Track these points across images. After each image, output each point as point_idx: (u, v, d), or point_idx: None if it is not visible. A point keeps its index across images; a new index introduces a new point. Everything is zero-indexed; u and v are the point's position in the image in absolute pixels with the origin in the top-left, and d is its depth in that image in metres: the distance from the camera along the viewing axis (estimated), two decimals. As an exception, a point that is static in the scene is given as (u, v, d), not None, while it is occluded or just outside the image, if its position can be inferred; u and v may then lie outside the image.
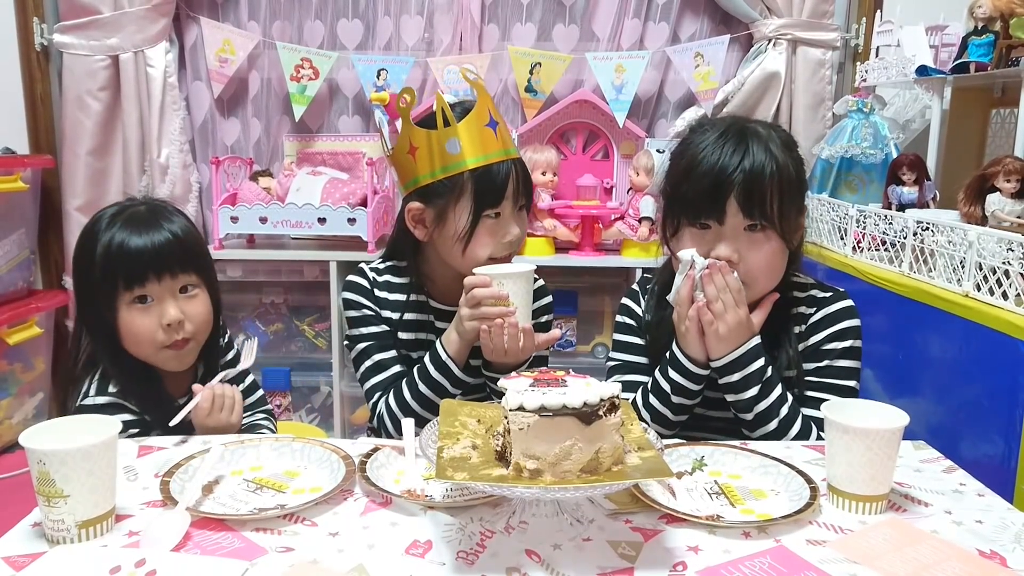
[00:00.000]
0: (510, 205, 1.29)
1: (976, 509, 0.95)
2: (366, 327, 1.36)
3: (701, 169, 1.15)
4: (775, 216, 1.14)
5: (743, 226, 1.15)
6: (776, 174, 1.14)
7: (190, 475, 0.96)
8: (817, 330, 1.24)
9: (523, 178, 1.31)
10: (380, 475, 0.99)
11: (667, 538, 0.86)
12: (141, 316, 1.16)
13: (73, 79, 2.46)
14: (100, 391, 1.19)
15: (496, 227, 1.29)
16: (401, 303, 1.38)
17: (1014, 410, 1.40)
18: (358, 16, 2.64)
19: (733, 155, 1.14)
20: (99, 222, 1.18)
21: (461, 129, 1.24)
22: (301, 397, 2.78)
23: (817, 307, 1.25)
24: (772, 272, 1.18)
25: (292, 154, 2.68)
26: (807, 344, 1.24)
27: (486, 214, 1.27)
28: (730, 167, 1.13)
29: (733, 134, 1.16)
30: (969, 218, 1.68)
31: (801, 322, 1.25)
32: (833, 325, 1.24)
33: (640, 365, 1.32)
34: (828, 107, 2.54)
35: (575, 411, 0.80)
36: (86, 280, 1.18)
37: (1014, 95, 1.90)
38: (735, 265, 1.15)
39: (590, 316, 2.76)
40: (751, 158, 1.13)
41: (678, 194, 1.19)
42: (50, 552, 0.82)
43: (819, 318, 1.25)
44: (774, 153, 1.15)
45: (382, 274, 1.40)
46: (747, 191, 1.13)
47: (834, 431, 0.93)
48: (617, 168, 2.65)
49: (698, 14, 2.64)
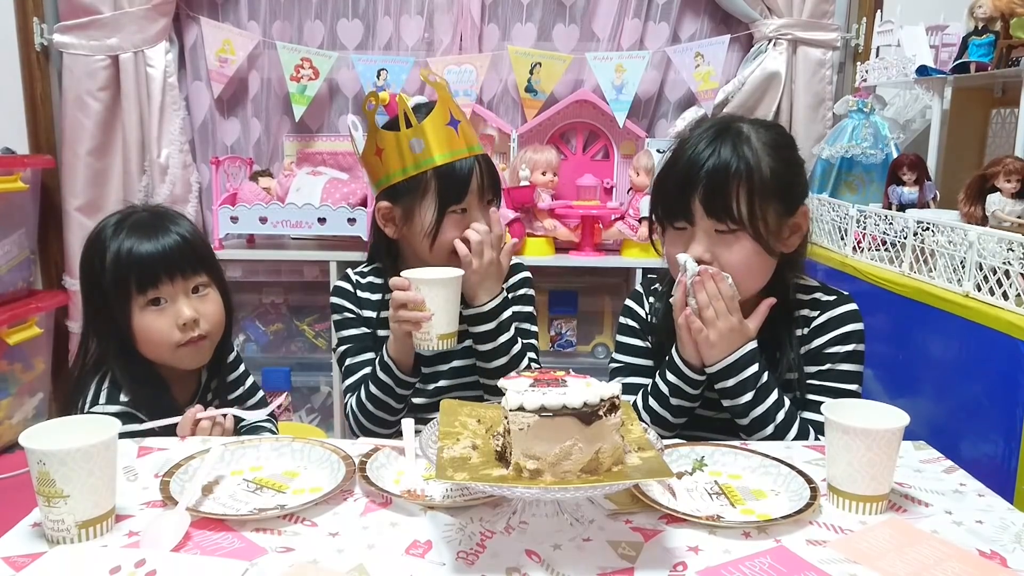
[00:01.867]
0: (475, 200, 1.32)
1: (976, 509, 0.95)
2: (346, 330, 1.41)
3: (675, 169, 1.16)
4: (743, 218, 1.12)
5: (713, 228, 1.14)
6: (742, 174, 1.11)
7: (190, 475, 0.96)
8: (820, 333, 1.24)
9: (488, 173, 1.34)
10: (380, 475, 0.99)
11: (667, 538, 0.86)
12: (156, 318, 1.17)
13: (73, 79, 2.46)
14: (111, 399, 1.19)
15: (462, 222, 1.32)
16: (378, 302, 1.40)
17: (1014, 410, 1.39)
18: (358, 16, 2.64)
19: (701, 154, 1.13)
20: (104, 231, 1.20)
21: (424, 128, 1.28)
22: (301, 397, 2.77)
23: (821, 310, 1.25)
24: (751, 275, 1.17)
25: (292, 154, 2.68)
26: (809, 347, 1.24)
27: (452, 209, 1.31)
28: (695, 166, 1.13)
29: (713, 134, 1.15)
30: (969, 218, 1.67)
31: (804, 325, 1.25)
32: (836, 329, 1.23)
33: (642, 367, 1.32)
34: (828, 107, 2.54)
35: (575, 411, 0.80)
36: (96, 288, 1.19)
37: (1014, 95, 1.89)
38: (712, 265, 1.14)
39: (590, 316, 2.76)
40: (716, 158, 1.12)
41: (656, 195, 1.22)
42: (50, 552, 0.82)
43: (822, 321, 1.24)
44: (744, 154, 1.12)
45: (366, 276, 1.44)
46: (710, 192, 1.12)
47: (834, 431, 0.93)
48: (617, 168, 2.65)
49: (698, 14, 2.63)
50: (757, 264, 1.16)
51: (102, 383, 1.20)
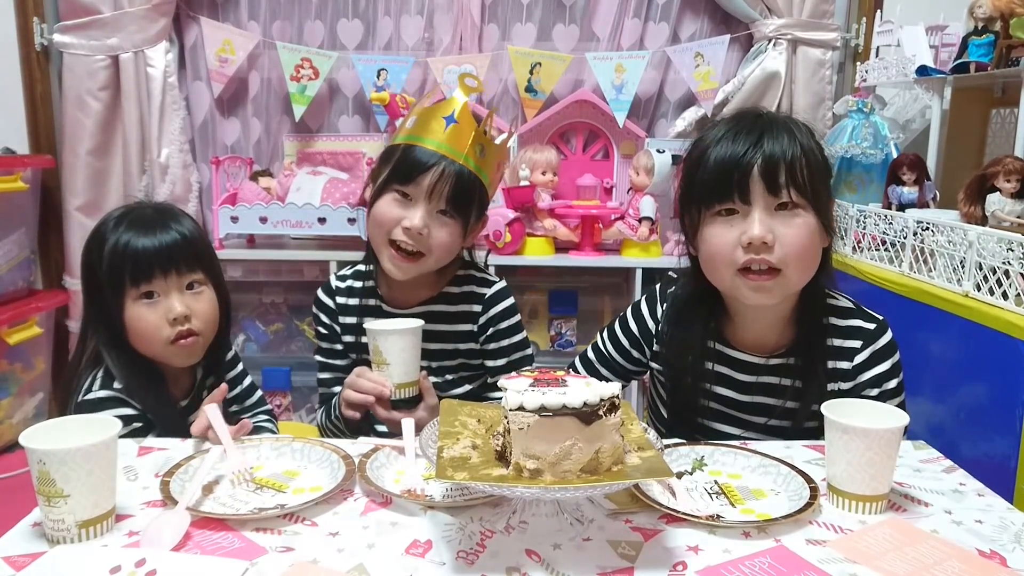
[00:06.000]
0: (423, 196, 1.26)
1: (976, 509, 0.95)
2: (321, 342, 1.46)
3: (719, 152, 1.09)
4: (806, 191, 1.07)
5: (773, 205, 1.07)
6: (801, 150, 1.07)
7: (190, 475, 0.96)
8: (868, 368, 1.17)
9: (453, 183, 1.25)
10: (380, 475, 0.99)
11: (667, 538, 0.86)
12: (147, 312, 1.17)
13: (73, 79, 2.46)
14: (103, 386, 1.20)
15: (400, 207, 1.27)
16: (358, 307, 1.42)
17: (1014, 410, 1.39)
18: (358, 16, 2.64)
19: (750, 134, 1.08)
20: (106, 224, 1.21)
21: (420, 111, 1.30)
22: (301, 397, 2.77)
23: (863, 341, 1.18)
24: (808, 256, 1.09)
25: (292, 154, 2.67)
26: (857, 382, 1.18)
27: (396, 187, 1.28)
28: (751, 143, 1.07)
29: (753, 117, 1.11)
30: (969, 218, 1.68)
31: (848, 358, 1.18)
32: (883, 361, 1.17)
33: (617, 366, 1.34)
34: (828, 107, 2.54)
35: (575, 411, 0.80)
36: (93, 279, 1.19)
37: (1014, 95, 1.89)
38: (769, 247, 1.06)
39: (590, 316, 2.76)
40: (772, 134, 1.08)
41: (695, 184, 1.12)
42: (50, 552, 0.82)
43: (868, 356, 1.17)
44: (797, 135, 1.09)
45: (345, 280, 1.46)
46: (772, 166, 1.06)
47: (834, 431, 0.93)
48: (617, 168, 2.65)
49: (698, 14, 2.63)
50: (813, 245, 1.09)
51: (97, 372, 1.21)
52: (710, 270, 1.14)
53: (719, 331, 1.22)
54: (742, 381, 1.21)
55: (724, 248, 1.09)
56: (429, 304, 1.38)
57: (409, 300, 1.38)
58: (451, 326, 1.38)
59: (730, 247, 1.08)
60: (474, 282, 1.40)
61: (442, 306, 1.38)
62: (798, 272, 1.09)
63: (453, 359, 1.40)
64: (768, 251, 1.06)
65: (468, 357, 1.41)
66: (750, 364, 1.21)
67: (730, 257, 1.09)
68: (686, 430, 1.24)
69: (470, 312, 1.39)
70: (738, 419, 1.23)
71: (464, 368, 1.42)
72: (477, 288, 1.40)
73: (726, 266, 1.10)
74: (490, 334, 1.39)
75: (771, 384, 1.20)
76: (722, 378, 1.22)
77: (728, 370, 1.22)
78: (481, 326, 1.39)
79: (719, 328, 1.22)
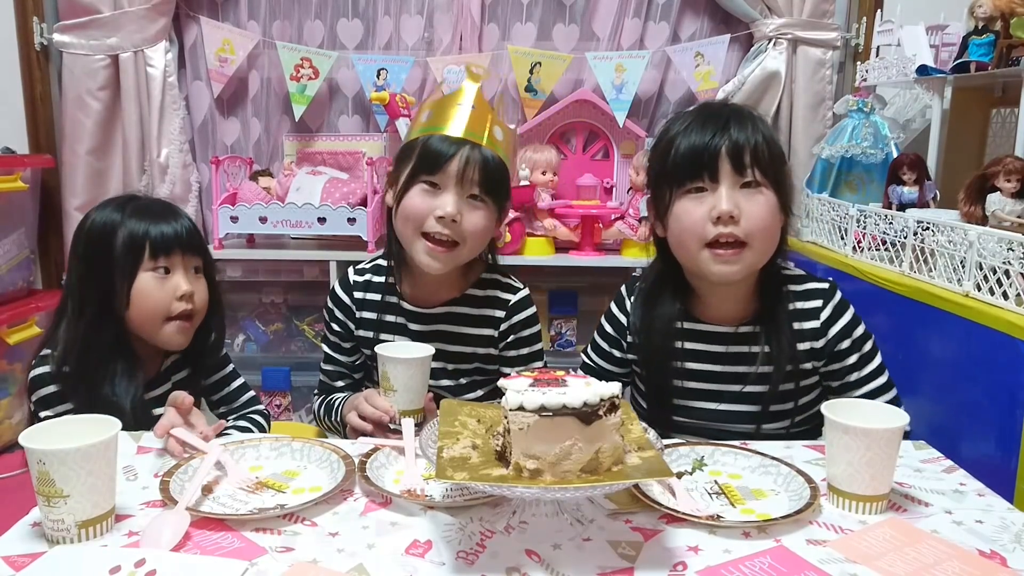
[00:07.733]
0: (453, 183, 1.25)
1: (976, 509, 0.95)
2: (331, 334, 1.45)
3: (690, 137, 1.17)
4: (768, 171, 1.16)
5: (739, 184, 1.16)
6: (762, 135, 1.17)
7: (190, 475, 0.96)
8: (835, 321, 1.25)
9: (480, 167, 1.26)
10: (380, 475, 0.99)
11: (667, 538, 0.86)
12: (159, 285, 1.22)
13: (73, 79, 2.46)
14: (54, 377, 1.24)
15: (430, 197, 1.26)
16: (378, 303, 1.40)
17: (1014, 410, 1.39)
18: (358, 16, 2.64)
19: (718, 121, 1.17)
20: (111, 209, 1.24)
21: (427, 104, 1.29)
22: (301, 397, 2.77)
23: (823, 299, 1.26)
24: (770, 232, 1.18)
25: (292, 154, 2.67)
26: (829, 337, 1.25)
27: (424, 179, 1.27)
28: (718, 124, 1.16)
29: (715, 108, 1.22)
30: (969, 218, 1.67)
31: (813, 317, 1.25)
32: (844, 312, 1.26)
33: (611, 373, 1.35)
34: (828, 107, 2.54)
35: (575, 411, 0.80)
36: (102, 257, 1.21)
37: (1014, 95, 1.89)
38: (735, 221, 1.14)
39: (590, 316, 2.75)
40: (737, 118, 1.18)
41: (667, 165, 1.20)
42: (50, 552, 0.82)
43: (831, 311, 1.26)
44: (756, 123, 1.19)
45: (364, 274, 1.43)
46: (738, 146, 1.15)
47: (834, 431, 0.93)
48: (617, 168, 2.65)
49: (698, 14, 2.63)
50: (775, 221, 1.19)
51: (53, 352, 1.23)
52: (679, 245, 1.21)
53: (686, 309, 1.28)
54: (713, 352, 1.27)
55: (695, 223, 1.16)
56: (451, 305, 1.37)
57: (431, 300, 1.37)
58: (472, 329, 1.37)
59: (700, 222, 1.16)
60: (499, 287, 1.39)
61: (464, 308, 1.37)
62: (761, 245, 1.17)
63: (470, 363, 1.40)
64: (735, 224, 1.14)
65: (485, 362, 1.40)
66: (719, 334, 1.27)
67: (700, 231, 1.16)
68: (664, 414, 1.29)
69: (492, 317, 1.37)
70: (714, 392, 1.27)
71: (479, 372, 1.41)
72: (501, 293, 1.39)
73: (695, 240, 1.17)
74: (510, 341, 1.38)
75: (742, 353, 1.26)
76: (693, 354, 1.27)
77: (699, 344, 1.27)
78: (502, 332, 1.38)
79: (686, 307, 1.28)
